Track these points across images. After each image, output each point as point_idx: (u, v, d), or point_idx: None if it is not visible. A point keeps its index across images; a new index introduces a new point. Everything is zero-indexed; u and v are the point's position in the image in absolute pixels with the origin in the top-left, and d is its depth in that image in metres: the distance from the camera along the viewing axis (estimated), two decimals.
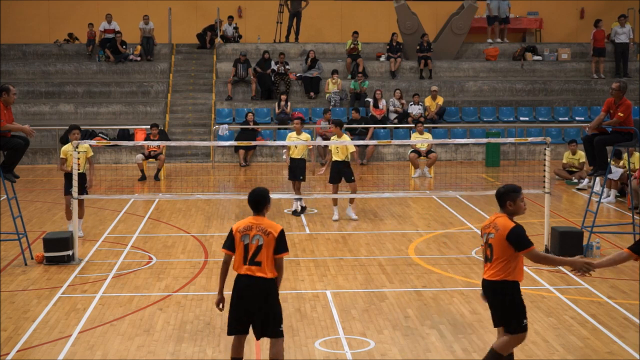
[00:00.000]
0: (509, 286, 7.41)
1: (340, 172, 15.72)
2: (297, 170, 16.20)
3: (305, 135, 16.58)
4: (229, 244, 7.73)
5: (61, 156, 14.30)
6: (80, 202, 13.67)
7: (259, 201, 7.74)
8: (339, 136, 15.95)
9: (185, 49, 29.36)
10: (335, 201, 15.95)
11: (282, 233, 7.67)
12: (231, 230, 7.75)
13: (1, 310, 10.27)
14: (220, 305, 7.91)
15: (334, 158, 15.78)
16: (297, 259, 12.93)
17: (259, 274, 7.61)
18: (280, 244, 7.65)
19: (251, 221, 7.69)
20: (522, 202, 7.54)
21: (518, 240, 7.31)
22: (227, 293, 7.86)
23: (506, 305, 7.43)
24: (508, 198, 7.49)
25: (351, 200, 15.97)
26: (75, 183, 12.78)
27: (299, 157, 16.22)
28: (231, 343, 7.88)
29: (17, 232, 12.73)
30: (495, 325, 7.65)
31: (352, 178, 15.77)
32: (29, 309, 10.41)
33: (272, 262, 7.66)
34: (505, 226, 7.37)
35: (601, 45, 28.16)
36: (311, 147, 16.95)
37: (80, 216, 13.96)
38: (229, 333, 7.81)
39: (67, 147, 14.07)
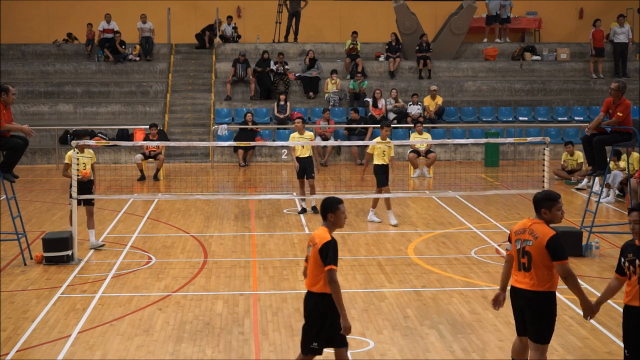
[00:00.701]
0: (553, 296, 7.24)
1: (386, 175, 15.22)
2: (307, 169, 16.35)
3: (308, 134, 16.69)
4: None
5: (66, 161, 13.65)
6: (90, 213, 13.38)
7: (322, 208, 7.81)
8: (383, 138, 15.54)
9: (185, 49, 29.36)
10: (388, 205, 15.43)
11: (326, 245, 7.38)
12: None
13: (1, 310, 10.27)
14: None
15: (378, 162, 15.29)
16: (297, 259, 12.93)
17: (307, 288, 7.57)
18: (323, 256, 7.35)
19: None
20: (559, 211, 7.39)
21: (556, 249, 7.11)
22: None
23: (550, 316, 7.23)
24: (544, 205, 7.37)
25: (389, 206, 15.50)
26: (74, 183, 12.77)
27: (306, 155, 16.36)
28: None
29: (16, 232, 12.73)
30: (522, 334, 7.42)
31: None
32: (29, 309, 10.41)
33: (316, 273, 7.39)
34: (544, 233, 7.17)
35: (600, 45, 28.18)
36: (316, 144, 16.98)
37: (90, 226, 13.45)
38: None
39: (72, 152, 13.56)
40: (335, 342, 7.45)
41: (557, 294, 10.60)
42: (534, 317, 7.24)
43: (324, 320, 7.38)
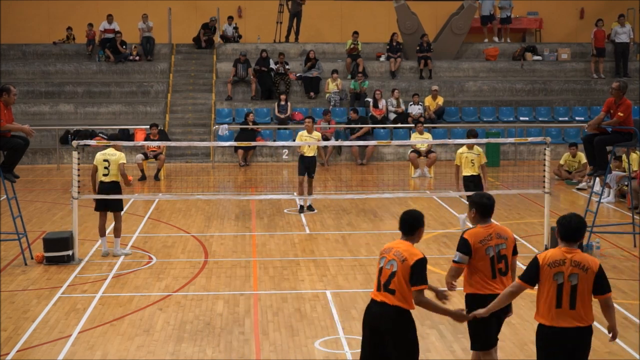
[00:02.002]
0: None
1: (479, 187, 14.22)
2: (310, 167, 16.42)
3: (316, 134, 16.78)
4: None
5: (122, 161, 13.08)
6: (118, 219, 13.10)
7: (411, 223, 6.98)
8: (470, 147, 14.55)
9: (185, 49, 29.36)
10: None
11: (420, 262, 6.69)
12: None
13: (1, 310, 10.27)
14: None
15: (468, 172, 14.51)
16: (297, 259, 12.93)
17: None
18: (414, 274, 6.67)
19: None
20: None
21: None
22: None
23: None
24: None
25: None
26: (75, 183, 12.77)
27: (312, 154, 16.46)
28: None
29: (17, 232, 12.73)
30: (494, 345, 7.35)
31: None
32: (29, 309, 10.41)
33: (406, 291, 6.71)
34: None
35: (601, 45, 28.18)
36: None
37: (117, 235, 13.11)
38: None
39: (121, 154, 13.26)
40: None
41: None
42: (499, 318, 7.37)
43: (405, 334, 6.73)
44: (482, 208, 7.33)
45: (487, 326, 7.23)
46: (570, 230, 6.47)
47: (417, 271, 6.61)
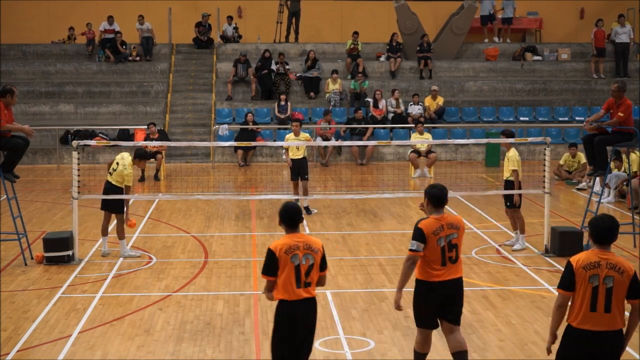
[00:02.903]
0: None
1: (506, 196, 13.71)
2: (300, 170, 16.17)
3: (304, 135, 16.52)
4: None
5: (127, 172, 12.94)
6: (119, 220, 12.98)
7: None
8: (508, 148, 13.72)
9: (185, 49, 29.35)
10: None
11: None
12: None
13: (1, 310, 10.27)
14: None
15: (506, 176, 13.82)
16: None
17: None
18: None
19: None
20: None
21: None
22: None
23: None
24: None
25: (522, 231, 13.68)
26: (75, 183, 12.77)
27: (301, 156, 16.19)
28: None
29: (17, 232, 12.74)
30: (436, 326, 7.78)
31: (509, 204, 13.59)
32: (29, 309, 10.41)
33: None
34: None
35: (601, 45, 28.18)
36: (314, 147, 16.66)
37: (119, 237, 13.02)
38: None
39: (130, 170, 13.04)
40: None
41: (557, 294, 10.63)
42: (459, 301, 7.77)
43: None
44: (434, 199, 7.61)
45: (426, 310, 7.78)
46: (602, 231, 6.36)
47: (324, 255, 7.04)
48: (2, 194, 13.49)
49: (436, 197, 7.60)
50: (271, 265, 6.80)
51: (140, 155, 13.29)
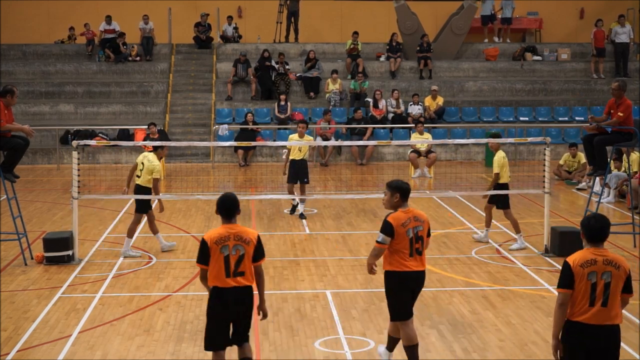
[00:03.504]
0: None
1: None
2: (300, 172, 15.67)
3: (307, 138, 16.21)
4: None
5: (155, 176, 13.16)
6: (135, 219, 13.15)
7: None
8: (496, 150, 13.63)
9: (185, 49, 29.36)
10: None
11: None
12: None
13: (1, 310, 10.27)
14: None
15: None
16: (297, 259, 12.93)
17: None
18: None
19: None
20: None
21: None
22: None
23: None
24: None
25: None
26: (75, 183, 12.77)
27: (301, 157, 15.73)
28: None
29: (17, 232, 12.73)
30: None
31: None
32: (29, 309, 10.41)
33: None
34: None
35: (601, 45, 28.18)
36: (315, 147, 16.23)
37: (129, 235, 13.13)
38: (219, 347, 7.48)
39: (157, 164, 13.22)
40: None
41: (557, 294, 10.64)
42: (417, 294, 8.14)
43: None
44: (405, 193, 8.22)
45: (403, 300, 8.00)
46: (595, 231, 6.52)
47: (260, 247, 7.37)
48: (2, 194, 13.49)
49: (407, 192, 8.23)
50: (203, 254, 7.22)
51: (158, 146, 13.62)
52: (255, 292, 7.49)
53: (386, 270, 8.07)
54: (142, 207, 13.17)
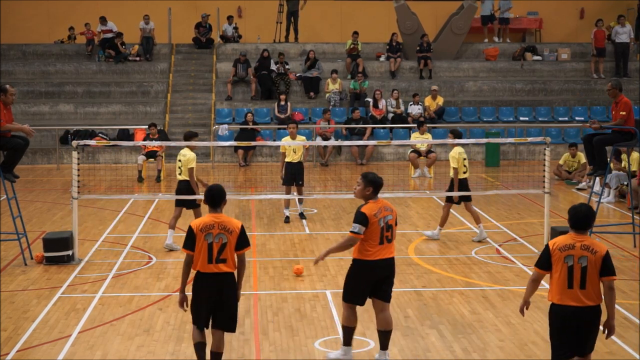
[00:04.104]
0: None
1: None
2: (296, 175, 15.44)
3: (300, 139, 15.87)
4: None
5: (190, 166, 13.69)
6: (197, 215, 13.22)
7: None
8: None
9: (185, 49, 29.36)
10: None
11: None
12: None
13: (1, 310, 10.27)
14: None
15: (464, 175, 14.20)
16: (297, 259, 12.93)
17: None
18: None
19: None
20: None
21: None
22: None
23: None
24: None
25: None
26: (74, 183, 12.77)
27: (297, 160, 15.48)
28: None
29: (17, 232, 12.73)
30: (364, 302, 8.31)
31: None
32: (29, 309, 10.41)
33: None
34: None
35: (602, 45, 28.18)
36: (308, 147, 15.99)
37: (172, 227, 13.49)
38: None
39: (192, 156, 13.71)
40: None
41: None
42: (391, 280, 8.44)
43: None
44: (377, 187, 8.47)
45: (362, 288, 8.36)
46: (579, 218, 7.01)
47: (243, 236, 7.83)
48: (2, 194, 13.49)
49: (380, 185, 8.48)
50: (189, 240, 7.74)
51: (189, 137, 14.07)
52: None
53: (354, 258, 8.45)
54: (194, 201, 13.51)
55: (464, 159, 14.05)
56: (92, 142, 14.26)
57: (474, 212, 14.15)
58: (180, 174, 13.70)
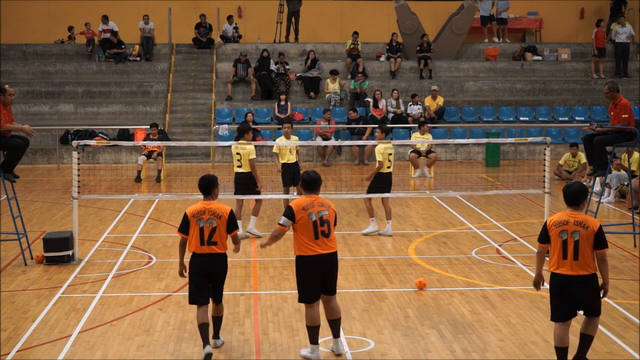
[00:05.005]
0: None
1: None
2: (295, 176, 15.31)
3: (294, 138, 15.88)
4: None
5: (252, 156, 14.31)
6: (258, 202, 14.40)
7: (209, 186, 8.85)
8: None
9: (185, 49, 29.37)
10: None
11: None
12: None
13: (1, 310, 10.27)
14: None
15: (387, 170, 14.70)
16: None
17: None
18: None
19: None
20: None
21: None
22: None
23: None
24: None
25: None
26: (75, 183, 12.77)
27: (294, 161, 15.41)
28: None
29: (17, 232, 12.73)
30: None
31: None
32: (29, 309, 10.41)
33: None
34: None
35: (602, 45, 28.18)
36: (298, 149, 15.84)
37: (254, 213, 14.52)
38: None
39: (251, 147, 14.33)
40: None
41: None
42: (334, 274, 8.67)
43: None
44: (305, 184, 8.77)
45: (309, 284, 8.51)
46: (570, 195, 7.91)
47: (232, 220, 8.76)
48: (2, 194, 13.50)
49: (305, 181, 8.75)
50: (184, 224, 8.74)
51: (244, 131, 14.52)
52: (230, 258, 9.14)
53: (295, 255, 8.63)
54: (245, 191, 14.17)
55: (390, 154, 14.43)
56: (92, 142, 14.24)
57: (388, 208, 14.60)
58: (239, 167, 14.26)
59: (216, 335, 8.99)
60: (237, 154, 14.21)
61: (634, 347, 8.99)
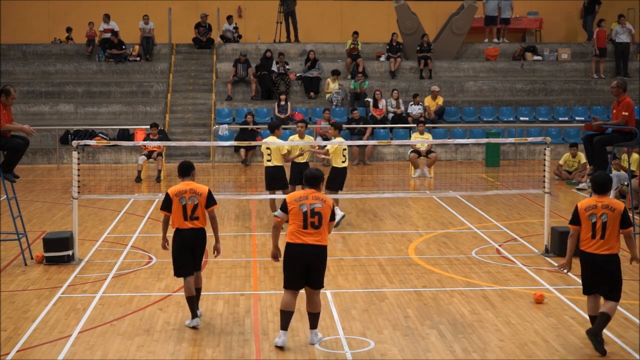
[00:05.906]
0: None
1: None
2: (302, 175, 15.41)
3: (308, 138, 15.93)
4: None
5: (283, 152, 14.94)
6: (287, 191, 14.72)
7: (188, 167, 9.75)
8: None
9: (185, 49, 29.37)
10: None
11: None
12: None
13: (1, 310, 10.27)
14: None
15: (342, 165, 15.18)
16: None
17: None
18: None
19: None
20: None
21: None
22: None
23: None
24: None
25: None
26: (75, 183, 12.77)
27: (304, 161, 15.42)
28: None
29: (17, 232, 12.73)
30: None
31: None
32: (29, 309, 10.41)
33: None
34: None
35: (603, 45, 28.18)
36: (316, 147, 15.77)
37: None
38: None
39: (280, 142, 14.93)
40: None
41: (558, 294, 10.65)
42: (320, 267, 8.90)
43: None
44: (306, 178, 9.04)
45: (292, 271, 8.81)
46: (598, 184, 8.86)
47: (210, 196, 9.62)
48: (2, 194, 13.49)
49: (307, 178, 9.02)
50: (166, 203, 9.56)
51: (275, 127, 15.05)
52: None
53: (286, 242, 8.90)
54: (285, 184, 14.93)
55: (344, 149, 14.90)
56: (92, 142, 14.24)
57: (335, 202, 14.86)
58: (269, 161, 14.85)
59: (198, 306, 9.79)
60: (267, 148, 14.73)
61: (634, 347, 8.99)
